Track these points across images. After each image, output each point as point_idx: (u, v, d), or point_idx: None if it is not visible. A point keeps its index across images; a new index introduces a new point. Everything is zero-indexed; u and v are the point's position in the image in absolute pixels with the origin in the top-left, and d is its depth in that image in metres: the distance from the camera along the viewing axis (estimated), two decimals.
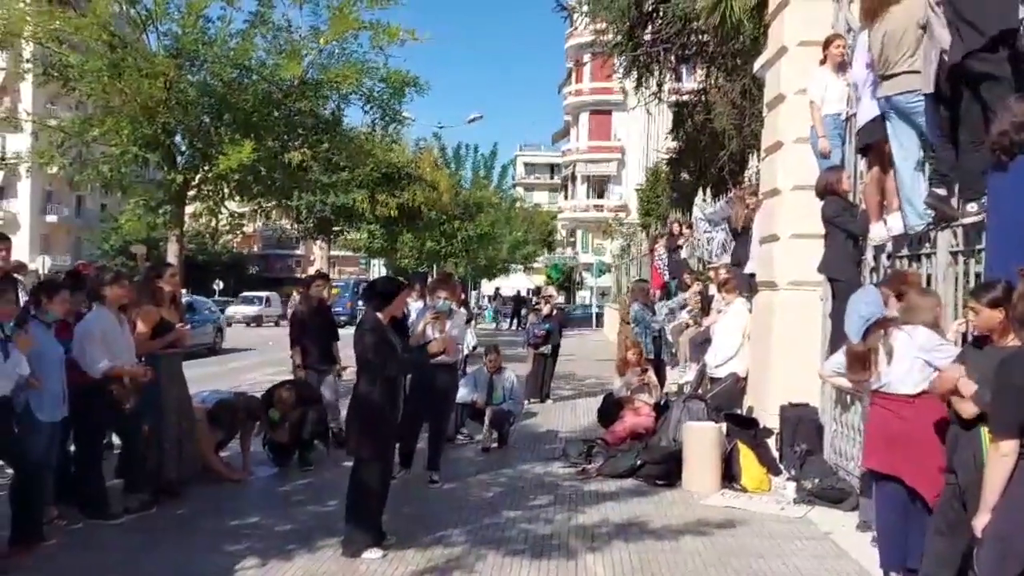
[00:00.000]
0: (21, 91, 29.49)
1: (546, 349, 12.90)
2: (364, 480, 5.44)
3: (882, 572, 4.83)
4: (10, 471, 5.60)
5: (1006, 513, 3.52)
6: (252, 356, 20.59)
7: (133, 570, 5.14)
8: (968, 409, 3.94)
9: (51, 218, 51.78)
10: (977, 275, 5.07)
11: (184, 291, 15.20)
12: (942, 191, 5.38)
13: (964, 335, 5.08)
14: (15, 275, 7.05)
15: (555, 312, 13.65)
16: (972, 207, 5.06)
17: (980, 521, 3.62)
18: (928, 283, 5.68)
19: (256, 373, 14.83)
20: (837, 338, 6.20)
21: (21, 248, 40.49)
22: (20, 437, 5.34)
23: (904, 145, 5.82)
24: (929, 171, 5.58)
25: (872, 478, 5.00)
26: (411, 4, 10.35)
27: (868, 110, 6.22)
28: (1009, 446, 3.49)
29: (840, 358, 5.30)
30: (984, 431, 3.84)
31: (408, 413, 6.48)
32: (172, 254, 10.08)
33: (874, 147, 6.36)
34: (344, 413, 6.43)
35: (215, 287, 50.37)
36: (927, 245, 5.81)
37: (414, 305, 8.16)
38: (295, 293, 11.89)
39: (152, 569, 5.13)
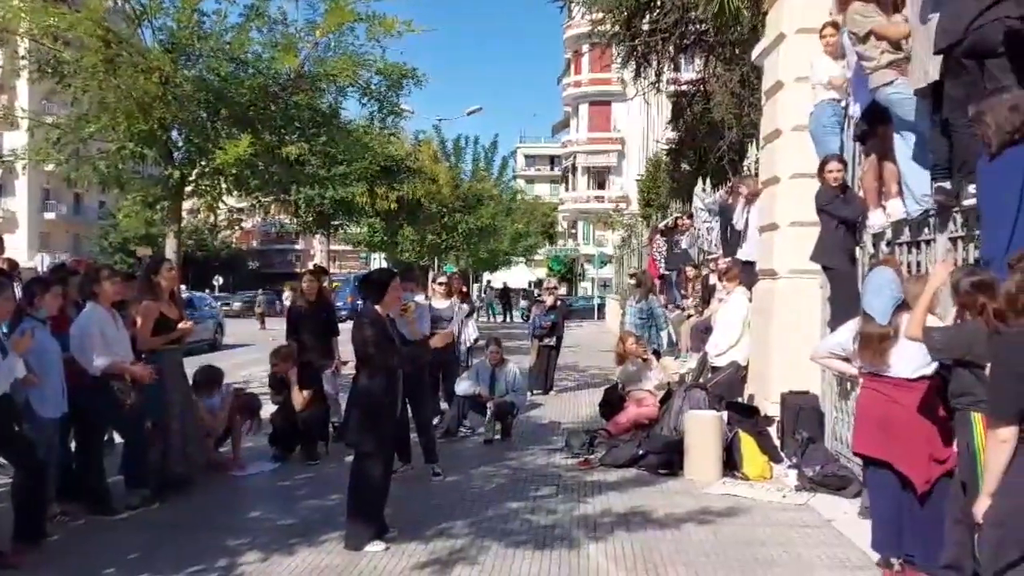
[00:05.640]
0: (17, 88, 29.41)
1: (550, 340, 12.89)
2: (365, 473, 5.45)
3: (879, 557, 4.83)
4: (11, 468, 5.59)
5: (1004, 499, 3.50)
6: (252, 352, 20.58)
7: (136, 565, 5.13)
8: None
9: (49, 216, 51.82)
10: (976, 260, 5.04)
11: (183, 287, 15.17)
12: (947, 185, 5.34)
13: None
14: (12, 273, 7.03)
15: (558, 303, 13.62)
16: (972, 189, 5.02)
17: (980, 507, 3.60)
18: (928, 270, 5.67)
19: (256, 368, 14.81)
20: (836, 325, 6.19)
21: (19, 246, 40.56)
22: (22, 434, 5.33)
23: (903, 133, 5.80)
24: (931, 165, 5.54)
25: (864, 463, 4.99)
26: None
27: (862, 99, 6.20)
28: (1008, 432, 3.46)
29: (835, 339, 5.28)
30: (975, 417, 3.82)
31: None
32: (170, 250, 10.06)
33: (872, 134, 6.34)
34: (343, 407, 6.43)
35: (214, 283, 50.40)
36: (926, 231, 5.79)
37: (418, 297, 8.33)
38: (287, 289, 11.88)
39: (155, 564, 5.12)
